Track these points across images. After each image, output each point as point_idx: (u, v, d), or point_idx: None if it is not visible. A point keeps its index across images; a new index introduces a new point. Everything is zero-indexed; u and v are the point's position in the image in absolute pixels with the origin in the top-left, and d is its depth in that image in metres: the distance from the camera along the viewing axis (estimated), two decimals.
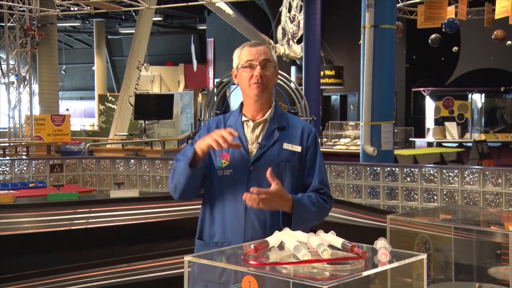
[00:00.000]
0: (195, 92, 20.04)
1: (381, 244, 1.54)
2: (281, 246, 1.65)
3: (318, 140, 2.45)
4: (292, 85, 9.01)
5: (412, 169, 5.67)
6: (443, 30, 12.35)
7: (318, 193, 2.32)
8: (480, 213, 2.90)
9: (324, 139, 13.22)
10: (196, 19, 23.68)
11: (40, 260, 3.88)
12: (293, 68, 16.97)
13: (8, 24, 12.42)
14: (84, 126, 21.21)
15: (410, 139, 14.44)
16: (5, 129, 13.45)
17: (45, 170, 6.58)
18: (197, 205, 2.70)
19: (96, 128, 19.63)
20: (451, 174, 5.45)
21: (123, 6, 12.68)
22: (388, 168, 5.77)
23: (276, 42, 15.99)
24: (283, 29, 15.86)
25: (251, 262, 1.49)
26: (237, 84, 2.40)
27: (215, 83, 10.55)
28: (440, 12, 11.86)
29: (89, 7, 12.17)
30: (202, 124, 2.45)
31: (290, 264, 1.48)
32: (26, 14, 12.48)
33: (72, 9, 13.28)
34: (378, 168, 5.80)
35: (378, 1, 7.50)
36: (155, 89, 23.02)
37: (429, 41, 13.61)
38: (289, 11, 15.65)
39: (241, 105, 2.40)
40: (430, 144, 15.05)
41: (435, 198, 5.50)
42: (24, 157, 8.47)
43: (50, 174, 6.57)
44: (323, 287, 1.28)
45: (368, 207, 5.08)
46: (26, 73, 12.76)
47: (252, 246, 1.58)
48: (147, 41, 14.66)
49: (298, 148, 2.31)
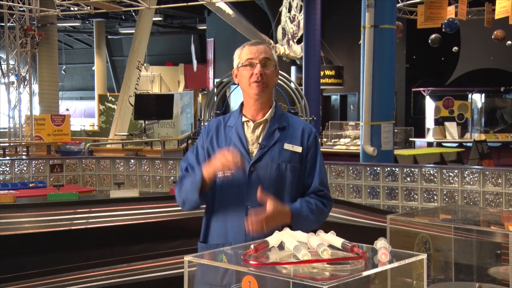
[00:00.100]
0: (195, 92, 20.03)
1: (381, 244, 1.54)
2: (281, 246, 1.64)
3: (319, 141, 2.45)
4: (292, 85, 9.01)
5: (412, 169, 5.67)
6: (443, 30, 12.34)
7: (318, 196, 2.31)
8: (480, 213, 2.90)
9: (324, 139, 13.22)
10: (196, 19, 23.67)
11: (40, 260, 3.88)
12: (293, 68, 16.97)
13: (8, 24, 12.41)
14: (84, 126, 21.21)
15: (410, 139, 14.44)
16: (5, 129, 13.44)
17: (45, 170, 6.58)
18: None
19: (96, 128, 19.63)
20: (451, 174, 5.45)
21: (123, 6, 12.68)
22: (388, 168, 5.77)
23: (276, 42, 15.98)
24: (283, 29, 15.86)
25: (251, 262, 1.48)
26: (238, 84, 2.39)
27: (215, 83, 10.55)
28: (440, 12, 11.86)
29: (89, 7, 12.16)
30: (203, 127, 2.44)
31: (290, 264, 1.48)
32: (26, 14, 12.47)
33: (72, 9, 13.28)
34: (378, 168, 5.80)
35: (378, 1, 7.50)
36: (155, 89, 23.01)
37: (429, 41, 13.61)
38: (289, 11, 15.64)
39: (241, 106, 2.39)
40: (430, 144, 15.04)
41: (435, 198, 5.50)
42: (24, 157, 8.46)
43: (50, 174, 6.57)
44: (323, 287, 1.28)
45: (368, 207, 5.08)
46: (26, 73, 12.76)
47: (252, 246, 1.58)
48: (147, 41, 14.66)
49: (299, 149, 2.30)
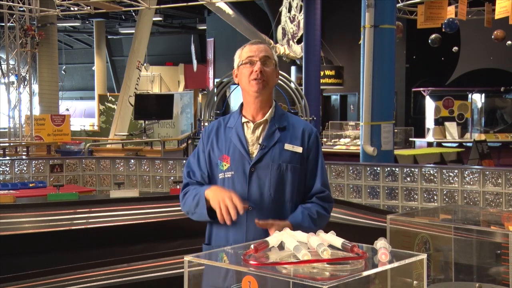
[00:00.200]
0: (195, 92, 20.02)
1: (381, 244, 1.54)
2: (281, 246, 1.64)
3: (320, 140, 2.44)
4: (292, 85, 9.02)
5: (412, 169, 5.67)
6: (443, 30, 12.34)
7: (320, 198, 2.31)
8: (480, 213, 2.90)
9: (324, 139, 13.22)
10: (196, 19, 23.67)
11: (40, 260, 3.88)
12: (293, 68, 16.96)
13: (8, 24, 12.41)
14: (84, 126, 21.21)
15: (410, 139, 14.44)
16: (5, 129, 13.44)
17: (45, 170, 6.58)
18: None
19: (96, 128, 19.63)
20: (451, 174, 5.45)
21: (123, 6, 12.68)
22: (388, 168, 5.77)
23: (276, 42, 15.98)
24: (283, 29, 15.85)
25: (251, 262, 1.48)
26: (238, 84, 2.38)
27: (215, 83, 10.56)
28: (440, 12, 11.86)
29: (89, 7, 12.16)
30: (203, 130, 2.43)
31: (290, 264, 1.48)
32: (26, 14, 12.47)
33: (72, 9, 13.28)
34: (378, 168, 5.80)
35: (378, 1, 7.50)
36: (155, 89, 23.01)
37: (429, 41, 13.60)
38: (289, 11, 15.64)
39: (241, 106, 2.38)
40: (430, 144, 15.04)
41: (435, 198, 5.50)
42: (24, 157, 8.46)
43: (50, 174, 6.57)
44: (323, 287, 1.28)
45: (368, 207, 5.08)
46: (26, 73, 12.76)
47: (252, 246, 1.58)
48: (147, 41, 14.66)
49: (299, 149, 2.30)
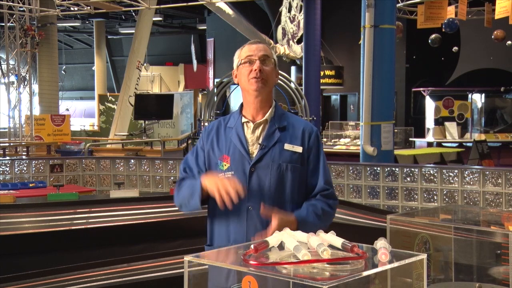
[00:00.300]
0: (195, 92, 20.03)
1: (381, 244, 1.54)
2: (281, 246, 1.64)
3: (320, 140, 2.44)
4: (292, 85, 9.02)
5: (412, 169, 5.67)
6: (443, 30, 12.34)
7: (324, 196, 2.30)
8: (480, 213, 2.90)
9: (324, 139, 13.22)
10: (196, 19, 23.68)
11: (40, 260, 3.88)
12: (293, 68, 16.97)
13: (8, 24, 12.41)
14: (84, 126, 21.21)
15: (410, 139, 14.44)
16: (5, 129, 13.45)
17: (45, 170, 6.58)
18: None
19: (96, 128, 19.63)
20: (451, 174, 5.45)
21: (123, 6, 12.68)
22: (388, 168, 5.77)
23: (276, 42, 15.98)
24: (283, 29, 15.85)
25: (251, 262, 1.48)
26: (237, 84, 2.38)
27: (215, 83, 10.55)
28: (440, 12, 11.86)
29: (89, 7, 12.17)
30: (203, 129, 2.43)
31: (290, 264, 1.48)
32: (26, 14, 12.47)
33: (72, 9, 13.28)
34: (378, 168, 5.80)
35: (378, 1, 7.50)
36: (155, 89, 23.02)
37: (429, 41, 13.61)
38: (289, 11, 15.64)
39: (241, 106, 2.38)
40: (430, 144, 15.04)
41: (435, 198, 5.49)
42: (24, 157, 8.46)
43: (50, 174, 6.57)
44: (323, 287, 1.28)
45: (368, 207, 5.08)
46: (26, 73, 12.76)
47: (252, 246, 1.58)
48: (147, 41, 14.66)
49: (299, 149, 2.29)
